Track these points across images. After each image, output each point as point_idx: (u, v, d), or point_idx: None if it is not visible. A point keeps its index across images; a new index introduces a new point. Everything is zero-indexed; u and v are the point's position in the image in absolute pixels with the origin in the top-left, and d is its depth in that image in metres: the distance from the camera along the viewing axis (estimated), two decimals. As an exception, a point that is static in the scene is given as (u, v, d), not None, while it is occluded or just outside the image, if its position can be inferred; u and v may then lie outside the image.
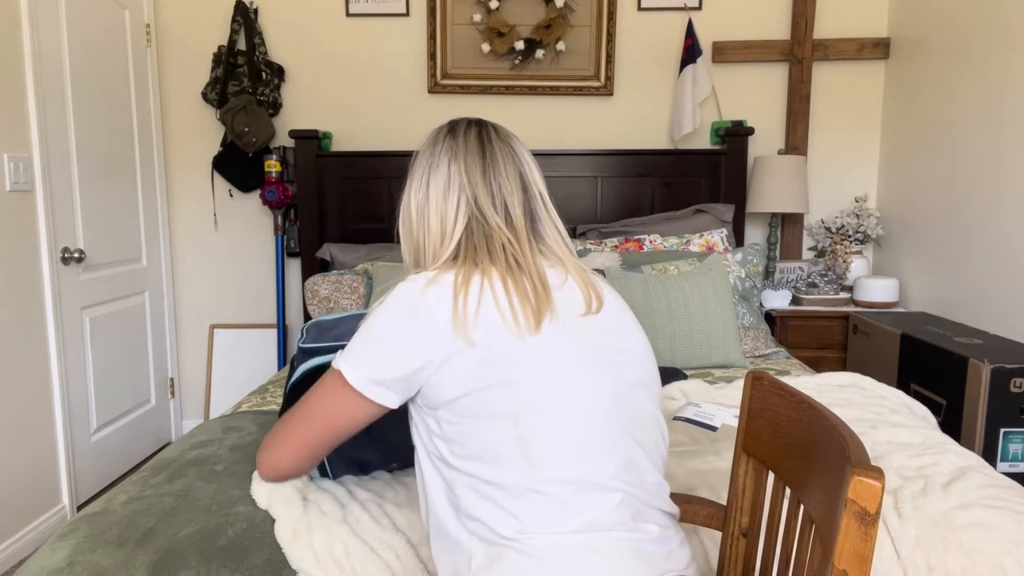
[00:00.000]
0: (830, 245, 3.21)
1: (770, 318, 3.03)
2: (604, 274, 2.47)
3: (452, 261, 1.01)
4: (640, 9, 3.24)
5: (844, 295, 3.06)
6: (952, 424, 2.20)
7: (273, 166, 3.14)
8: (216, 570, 1.15)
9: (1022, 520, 1.24)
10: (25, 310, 2.38)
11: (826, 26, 3.24)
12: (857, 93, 3.29)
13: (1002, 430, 2.08)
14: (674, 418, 1.63)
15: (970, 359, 2.12)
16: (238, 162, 3.24)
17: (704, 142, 3.32)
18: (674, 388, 1.94)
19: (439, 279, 0.96)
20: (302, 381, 1.47)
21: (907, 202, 3.10)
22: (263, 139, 3.13)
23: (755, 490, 1.07)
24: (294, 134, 3.10)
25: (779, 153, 3.28)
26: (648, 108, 3.31)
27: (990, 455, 2.09)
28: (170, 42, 3.27)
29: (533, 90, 3.27)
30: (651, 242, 2.95)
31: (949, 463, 1.45)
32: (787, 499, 1.14)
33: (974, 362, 2.11)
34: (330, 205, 3.20)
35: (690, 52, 3.12)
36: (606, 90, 3.26)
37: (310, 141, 3.12)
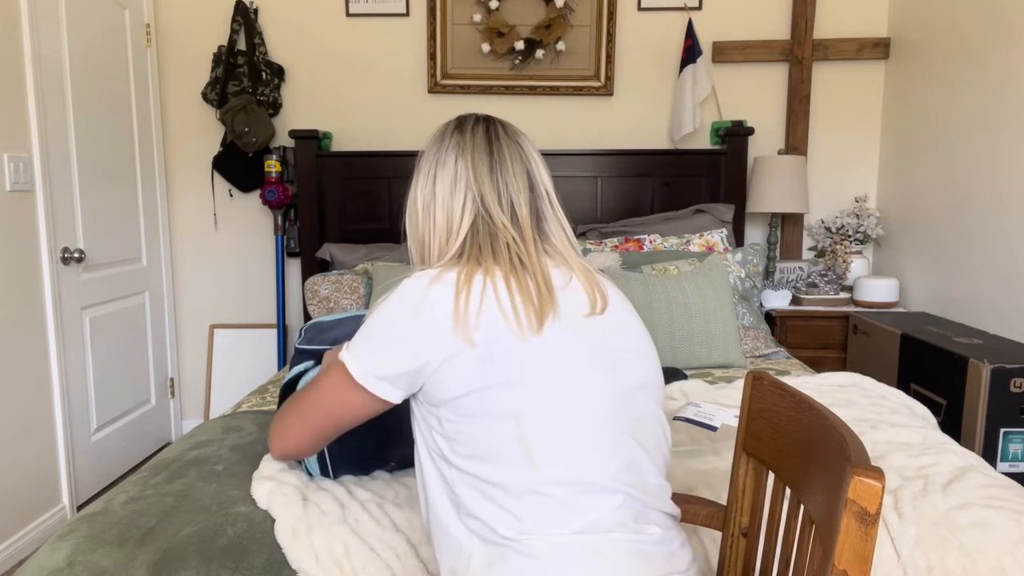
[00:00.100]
0: (830, 245, 3.21)
1: (770, 318, 3.03)
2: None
3: (456, 259, 1.00)
4: (640, 9, 3.24)
5: (844, 295, 3.06)
6: (952, 424, 2.20)
7: (273, 166, 3.14)
8: (216, 570, 1.15)
9: (1022, 520, 1.24)
10: (25, 310, 2.38)
11: (826, 26, 3.24)
12: (857, 93, 3.29)
13: (1002, 430, 2.08)
14: (674, 418, 1.63)
15: (970, 359, 2.12)
16: (238, 162, 3.24)
17: (704, 142, 3.32)
18: (674, 388, 1.94)
19: (442, 277, 0.96)
20: (293, 382, 1.48)
21: (907, 202, 3.10)
22: (263, 139, 3.13)
23: (755, 490, 1.07)
24: (294, 134, 3.10)
25: (779, 153, 3.28)
26: (648, 108, 3.31)
27: (990, 455, 2.09)
28: (170, 42, 3.27)
29: (533, 90, 3.27)
30: (651, 242, 2.95)
31: (949, 463, 1.45)
32: (787, 499, 1.14)
33: (974, 362, 2.11)
34: (330, 205, 3.20)
35: (690, 52, 3.12)
36: (606, 90, 3.26)
37: (310, 141, 3.12)
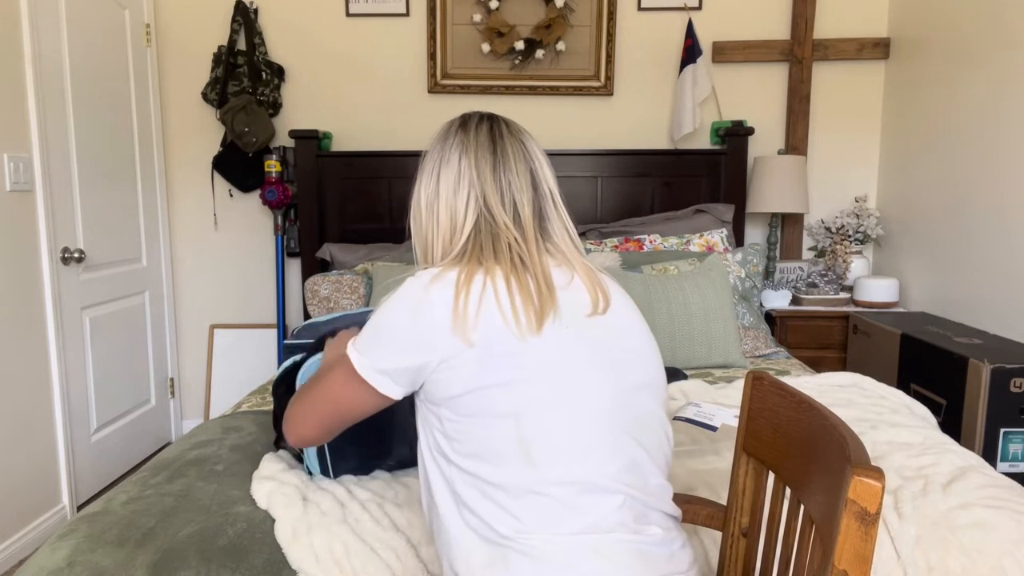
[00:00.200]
0: (830, 245, 3.21)
1: (770, 318, 3.03)
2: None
3: (459, 258, 1.00)
4: (640, 9, 3.24)
5: (844, 295, 3.06)
6: (952, 424, 2.20)
7: (273, 166, 3.14)
8: (216, 570, 1.15)
9: (1022, 520, 1.24)
10: (25, 310, 2.38)
11: (826, 26, 3.24)
12: (857, 93, 3.29)
13: (1002, 430, 2.08)
14: (674, 418, 1.63)
15: (970, 359, 2.12)
16: (238, 162, 3.24)
17: (704, 142, 3.32)
18: (674, 388, 1.94)
19: (443, 276, 0.96)
20: (282, 379, 1.48)
21: (907, 202, 3.10)
22: (263, 139, 3.13)
23: (755, 490, 1.07)
24: (294, 134, 3.10)
25: (779, 153, 3.28)
26: (648, 108, 3.31)
27: (990, 455, 2.09)
28: (170, 42, 3.27)
29: (533, 90, 3.27)
30: (651, 242, 2.95)
31: (949, 463, 1.45)
32: (787, 499, 1.14)
33: (974, 362, 2.11)
34: (330, 205, 3.20)
35: (690, 52, 3.12)
36: (606, 90, 3.26)
37: (310, 141, 3.11)
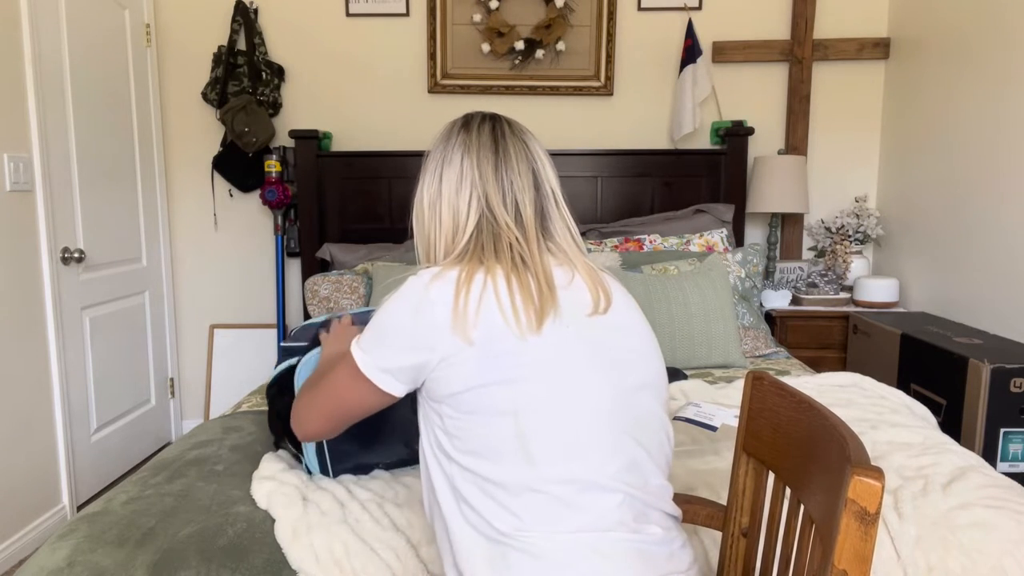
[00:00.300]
0: (830, 245, 3.21)
1: (770, 318, 3.03)
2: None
3: (460, 257, 1.01)
4: (640, 9, 3.24)
5: (844, 295, 3.06)
6: (952, 424, 2.20)
7: (273, 166, 3.14)
8: (216, 570, 1.15)
9: (1022, 520, 1.24)
10: (25, 310, 2.38)
11: (826, 26, 3.24)
12: (857, 93, 3.29)
13: (1002, 430, 2.08)
14: (674, 418, 1.63)
15: (970, 359, 2.12)
16: (238, 162, 3.24)
17: (704, 142, 3.32)
18: (674, 388, 1.94)
19: (443, 275, 0.96)
20: (277, 381, 1.48)
21: (907, 202, 3.10)
22: (263, 139, 3.13)
23: (755, 490, 1.07)
24: (294, 134, 3.10)
25: (779, 153, 3.28)
26: (648, 108, 3.31)
27: (990, 455, 2.09)
28: (170, 42, 3.27)
29: (533, 90, 3.27)
30: (651, 242, 2.95)
31: (949, 463, 1.45)
32: (787, 499, 1.14)
33: (974, 362, 2.11)
34: (330, 205, 3.20)
35: (690, 52, 3.12)
36: (606, 90, 3.26)
37: (310, 141, 3.11)
